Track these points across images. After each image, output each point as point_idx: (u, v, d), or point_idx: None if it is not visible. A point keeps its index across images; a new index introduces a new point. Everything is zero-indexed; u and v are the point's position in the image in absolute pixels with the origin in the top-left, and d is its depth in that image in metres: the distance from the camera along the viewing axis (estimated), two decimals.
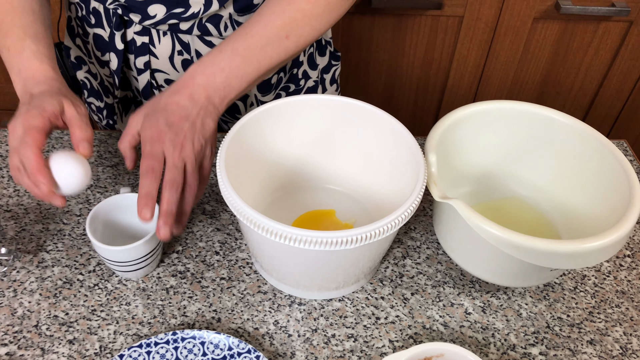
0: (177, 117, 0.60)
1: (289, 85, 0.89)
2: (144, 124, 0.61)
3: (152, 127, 0.59)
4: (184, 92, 0.62)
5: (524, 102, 0.72)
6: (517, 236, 0.56)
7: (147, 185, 0.57)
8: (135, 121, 0.62)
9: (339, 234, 0.54)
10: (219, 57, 0.64)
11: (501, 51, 1.33)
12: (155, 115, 0.60)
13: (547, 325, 0.65)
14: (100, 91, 0.88)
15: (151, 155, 0.58)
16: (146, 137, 0.59)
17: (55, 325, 0.62)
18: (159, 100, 0.62)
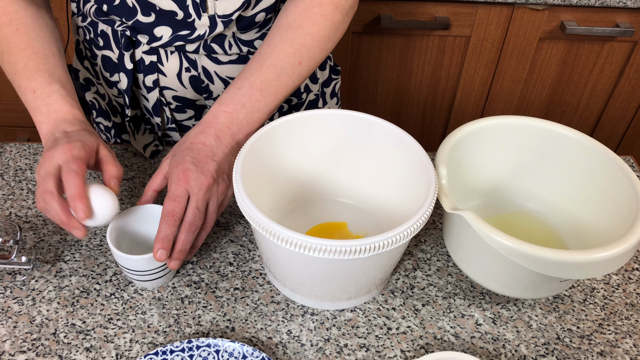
0: (202, 155, 0.63)
1: (291, 98, 0.91)
2: (170, 163, 0.64)
3: (178, 165, 0.62)
4: (209, 131, 0.65)
5: (531, 117, 0.73)
6: (527, 246, 0.57)
7: (165, 229, 0.60)
8: (164, 166, 0.65)
9: (352, 243, 0.55)
10: (239, 94, 0.67)
11: (507, 70, 1.36)
12: (182, 155, 0.63)
13: (557, 337, 0.66)
14: (108, 111, 0.90)
15: (175, 197, 0.61)
16: (172, 176, 0.62)
17: (72, 333, 0.63)
18: (185, 140, 0.65)
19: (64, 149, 0.60)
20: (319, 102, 0.95)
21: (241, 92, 0.67)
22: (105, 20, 0.77)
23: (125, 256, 0.62)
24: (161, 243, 0.60)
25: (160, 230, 0.60)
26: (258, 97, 0.67)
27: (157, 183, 0.66)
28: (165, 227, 0.60)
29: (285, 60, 0.69)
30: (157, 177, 0.66)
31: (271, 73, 0.68)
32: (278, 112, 0.92)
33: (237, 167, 0.63)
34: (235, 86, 0.67)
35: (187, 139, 0.66)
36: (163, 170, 0.66)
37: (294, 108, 0.93)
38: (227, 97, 0.67)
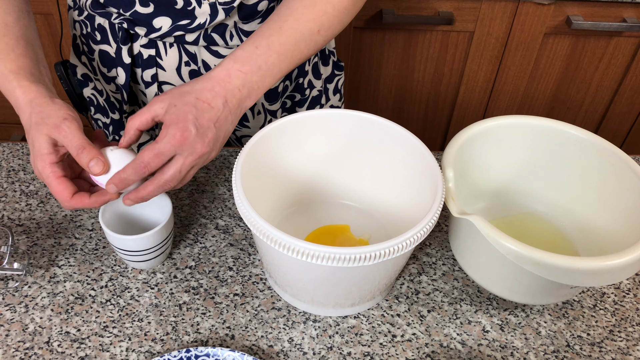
0: (206, 119, 0.57)
1: (294, 94, 0.89)
2: (170, 115, 0.56)
3: (178, 122, 0.56)
4: (219, 90, 0.59)
5: (540, 117, 0.71)
6: (537, 253, 0.55)
7: (130, 174, 0.56)
8: (156, 107, 0.57)
9: (356, 251, 0.53)
10: (256, 54, 0.61)
11: (512, 66, 1.33)
12: (184, 110, 0.56)
13: (567, 344, 0.64)
14: (107, 107, 0.88)
15: (159, 153, 0.56)
16: (168, 130, 0.56)
17: (66, 341, 0.61)
18: (189, 92, 0.58)
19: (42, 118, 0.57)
20: (322, 98, 0.93)
21: (258, 52, 0.61)
22: (102, 13, 0.74)
23: (118, 236, 0.62)
24: (118, 181, 0.57)
25: (125, 171, 0.56)
26: (274, 61, 0.62)
27: (142, 123, 0.58)
28: (131, 173, 0.56)
29: (305, 25, 0.64)
30: (144, 116, 0.58)
31: (290, 37, 0.63)
32: (281, 108, 0.89)
33: (236, 169, 0.61)
34: (253, 44, 0.61)
35: (193, 90, 0.58)
36: (152, 112, 0.58)
37: (297, 105, 0.91)
38: (243, 54, 0.61)
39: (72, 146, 0.56)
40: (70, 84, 0.87)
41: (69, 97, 0.89)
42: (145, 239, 0.63)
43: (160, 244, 0.65)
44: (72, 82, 0.87)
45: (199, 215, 0.76)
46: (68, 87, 0.87)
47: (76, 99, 0.89)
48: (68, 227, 0.73)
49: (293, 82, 0.87)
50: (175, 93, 0.58)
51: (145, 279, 0.68)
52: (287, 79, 0.86)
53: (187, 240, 0.72)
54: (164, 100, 0.57)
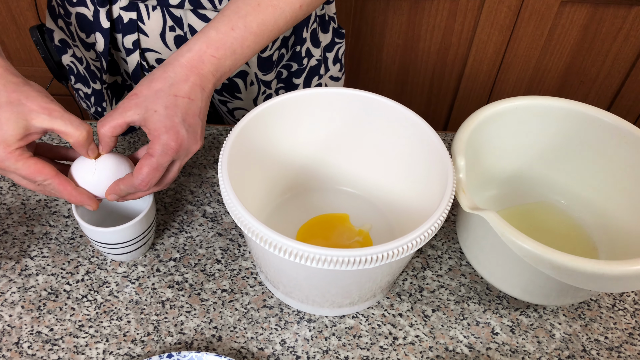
0: (191, 115, 0.53)
1: (290, 64, 0.81)
2: (154, 123, 0.51)
3: (169, 132, 0.51)
4: (194, 79, 0.54)
5: (561, 99, 0.64)
6: (557, 255, 0.49)
7: (129, 189, 0.53)
8: (131, 114, 0.52)
9: (357, 253, 0.47)
10: (231, 38, 0.55)
11: (524, 37, 1.25)
12: (167, 113, 0.51)
13: (583, 349, 0.59)
14: (87, 77, 0.81)
15: (159, 167, 0.52)
16: (162, 142, 0.51)
17: (38, 342, 0.56)
18: (162, 90, 0.52)
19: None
20: (320, 68, 0.85)
21: (234, 35, 0.56)
22: None
23: (94, 229, 0.57)
24: (117, 194, 0.54)
25: (123, 185, 0.53)
26: (250, 44, 0.57)
27: (115, 129, 0.52)
28: (130, 188, 0.53)
29: (287, 1, 0.58)
30: (116, 122, 0.52)
31: (270, 14, 0.57)
32: (276, 79, 0.82)
33: (224, 154, 0.54)
34: (228, 24, 0.56)
35: (166, 86, 0.52)
36: (127, 118, 0.52)
37: (294, 75, 0.83)
38: (217, 37, 0.55)
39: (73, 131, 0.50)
40: (47, 51, 0.80)
41: (47, 65, 0.82)
42: (124, 231, 0.57)
43: (140, 235, 0.59)
44: (50, 48, 0.80)
45: (185, 201, 0.70)
46: (45, 54, 0.80)
47: (55, 67, 0.81)
48: (42, 213, 0.67)
49: (290, 50, 0.80)
50: (148, 94, 0.52)
51: (125, 272, 0.62)
52: (283, 46, 0.78)
53: (172, 229, 0.66)
54: (138, 105, 0.52)
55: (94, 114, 0.85)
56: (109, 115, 0.52)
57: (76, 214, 0.57)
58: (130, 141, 0.77)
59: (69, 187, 0.52)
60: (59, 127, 0.50)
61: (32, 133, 0.50)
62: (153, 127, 0.51)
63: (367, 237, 0.65)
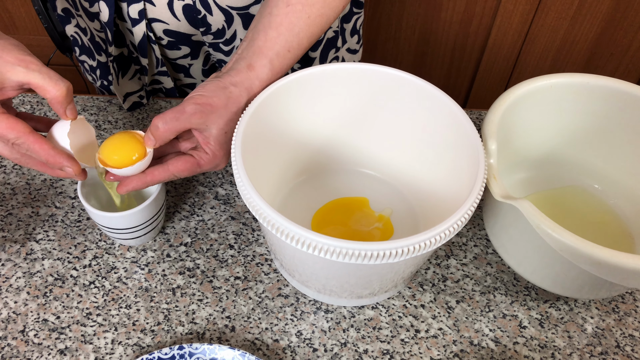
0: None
1: None
2: (221, 143, 0.52)
3: (225, 157, 0.54)
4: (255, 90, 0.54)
5: (601, 76, 0.59)
6: (599, 250, 0.45)
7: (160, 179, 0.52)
8: (198, 122, 0.50)
9: (379, 246, 0.43)
10: (287, 60, 0.55)
11: (552, 5, 1.18)
12: (230, 139, 0.53)
13: (617, 345, 0.56)
14: (92, 48, 0.76)
15: (193, 172, 0.53)
16: (217, 163, 0.54)
17: (44, 331, 0.53)
18: (236, 113, 0.52)
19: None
20: (337, 40, 0.81)
21: (290, 57, 0.55)
22: None
23: (102, 214, 0.54)
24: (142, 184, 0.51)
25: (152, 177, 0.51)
26: (293, 57, 0.56)
27: (176, 133, 0.51)
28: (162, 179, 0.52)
29: (331, 5, 0.56)
30: (183, 125, 0.50)
31: (318, 26, 0.56)
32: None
33: (237, 133, 0.51)
34: (286, 46, 0.55)
35: (237, 112, 0.53)
36: (194, 125, 0.50)
37: (310, 48, 0.78)
38: (277, 63, 0.54)
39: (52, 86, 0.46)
40: (50, 20, 0.76)
41: (49, 36, 0.78)
42: (133, 216, 0.54)
43: (150, 220, 0.56)
44: (52, 17, 0.75)
45: (196, 182, 0.66)
46: (48, 24, 0.76)
47: (58, 38, 0.77)
48: (47, 194, 0.64)
49: None
50: (222, 112, 0.51)
51: (134, 257, 0.59)
52: None
53: (183, 212, 0.63)
54: (208, 117, 0.51)
55: (100, 88, 0.81)
56: (173, 116, 0.50)
57: (82, 197, 0.54)
58: (139, 117, 0.73)
59: (46, 145, 0.47)
60: (36, 81, 0.46)
61: (7, 87, 0.47)
62: (215, 147, 0.52)
63: (387, 223, 0.62)
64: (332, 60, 0.82)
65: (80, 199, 0.54)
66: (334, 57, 0.81)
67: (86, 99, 0.75)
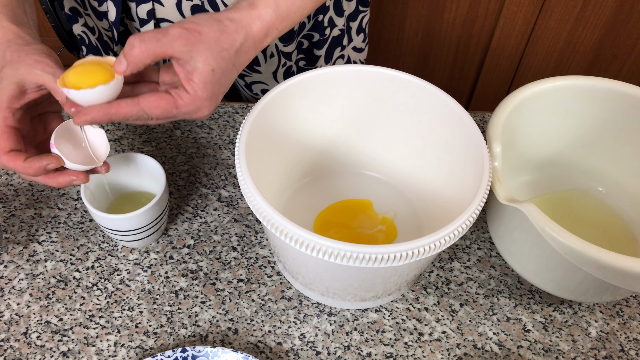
0: (226, 88, 0.47)
1: (312, 34, 0.77)
2: (205, 81, 0.44)
3: (210, 101, 0.45)
4: (252, 54, 0.48)
5: (606, 79, 0.59)
6: (605, 255, 0.45)
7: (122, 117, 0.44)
8: (181, 50, 0.43)
9: (383, 250, 0.43)
10: (295, 6, 0.49)
11: (556, 7, 1.18)
12: (220, 81, 0.45)
13: (621, 349, 0.55)
14: (100, 47, 0.76)
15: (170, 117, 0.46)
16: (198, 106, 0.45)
17: (47, 333, 0.53)
18: (228, 50, 0.45)
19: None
20: (343, 39, 0.80)
21: (298, 3, 0.50)
22: None
23: (104, 215, 0.53)
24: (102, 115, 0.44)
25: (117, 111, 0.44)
26: (306, 11, 0.51)
27: (155, 57, 0.44)
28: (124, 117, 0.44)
29: None
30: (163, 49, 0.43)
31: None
32: (297, 50, 0.77)
33: (242, 136, 0.50)
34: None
35: (234, 53, 0.46)
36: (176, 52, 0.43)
37: (315, 46, 0.78)
38: (285, 6, 0.49)
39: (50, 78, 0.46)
40: (57, 19, 0.76)
41: (57, 35, 0.78)
42: (136, 218, 0.54)
43: (153, 222, 0.56)
44: (60, 16, 0.75)
45: (199, 183, 0.66)
46: (55, 23, 0.76)
47: (65, 37, 0.78)
48: (50, 195, 0.64)
49: (311, 20, 0.75)
50: (212, 45, 0.44)
51: (137, 259, 0.59)
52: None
53: (186, 213, 0.63)
54: (195, 46, 0.44)
55: None
56: (153, 36, 0.43)
57: (85, 199, 0.54)
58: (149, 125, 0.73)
59: (19, 162, 0.45)
60: (49, 84, 0.45)
61: (28, 90, 0.47)
62: (198, 85, 0.44)
63: (391, 226, 0.61)
64: (337, 58, 0.82)
65: (84, 201, 0.54)
66: (339, 55, 0.81)
67: None
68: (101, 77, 0.43)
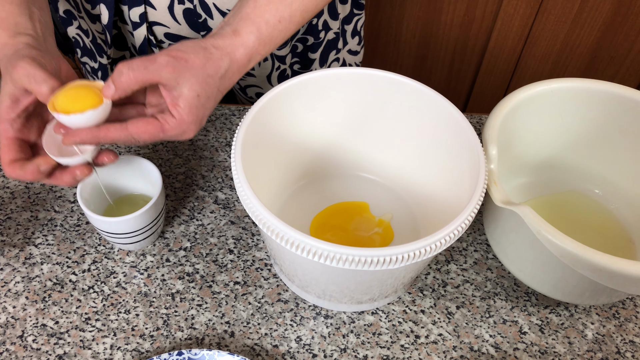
0: (209, 112, 0.49)
1: (306, 37, 0.77)
2: (190, 106, 0.46)
3: (193, 125, 0.47)
4: (236, 79, 0.50)
5: (602, 82, 0.59)
6: (600, 257, 0.45)
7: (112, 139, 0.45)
8: (168, 77, 0.45)
9: (379, 252, 0.43)
10: (277, 31, 0.51)
11: (553, 9, 1.18)
12: (205, 105, 0.47)
13: (617, 351, 0.55)
14: (94, 50, 0.76)
15: (156, 140, 0.47)
16: (184, 129, 0.46)
17: (43, 336, 0.53)
18: (213, 77, 0.47)
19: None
20: (338, 42, 0.80)
21: (280, 28, 0.51)
22: None
23: (101, 218, 0.53)
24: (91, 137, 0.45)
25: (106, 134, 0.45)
26: (288, 34, 0.52)
27: (142, 84, 0.45)
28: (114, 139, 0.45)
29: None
30: (150, 76, 0.45)
31: (311, 1, 0.53)
32: (291, 53, 0.77)
33: (237, 138, 0.50)
34: (276, 16, 0.51)
35: (219, 79, 0.47)
36: (163, 79, 0.45)
37: (310, 50, 0.78)
38: (267, 32, 0.50)
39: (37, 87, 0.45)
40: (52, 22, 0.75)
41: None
42: (132, 221, 0.54)
43: (149, 224, 0.56)
44: (54, 19, 0.75)
45: (196, 186, 0.66)
46: None
47: (60, 39, 0.78)
48: (47, 198, 0.64)
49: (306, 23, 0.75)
50: (198, 72, 0.46)
51: (133, 262, 0.59)
52: None
53: (182, 216, 0.63)
54: (181, 73, 0.45)
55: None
56: (142, 64, 0.44)
57: (81, 202, 0.54)
58: None
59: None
60: (28, 85, 0.45)
61: (19, 98, 0.46)
62: (183, 110, 0.46)
63: (387, 228, 0.61)
64: (332, 61, 0.82)
65: (80, 203, 0.54)
66: (334, 58, 0.81)
67: None
68: (90, 101, 0.44)
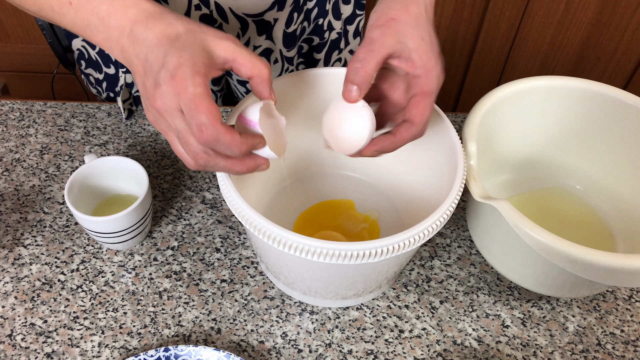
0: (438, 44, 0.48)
1: (312, 37, 0.78)
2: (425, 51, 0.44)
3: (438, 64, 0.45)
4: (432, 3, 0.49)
5: (581, 79, 0.61)
6: (575, 249, 0.46)
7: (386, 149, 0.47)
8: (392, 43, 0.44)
9: (361, 246, 0.44)
10: None
11: (539, 10, 1.19)
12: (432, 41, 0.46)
13: (597, 343, 0.56)
14: (99, 61, 0.77)
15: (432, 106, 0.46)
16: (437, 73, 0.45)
17: (31, 335, 0.54)
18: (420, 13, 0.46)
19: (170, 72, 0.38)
20: (341, 42, 0.82)
21: None
22: None
23: (88, 218, 0.54)
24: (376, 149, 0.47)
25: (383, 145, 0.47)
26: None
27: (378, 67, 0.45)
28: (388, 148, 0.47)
29: None
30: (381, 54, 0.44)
31: None
32: (297, 54, 0.78)
33: None
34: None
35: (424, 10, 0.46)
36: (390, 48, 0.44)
37: (315, 50, 0.80)
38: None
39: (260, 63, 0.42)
40: (54, 36, 0.76)
41: (53, 51, 0.79)
42: (119, 220, 0.55)
43: (136, 224, 0.57)
44: (57, 33, 0.76)
45: (184, 186, 0.67)
46: (52, 39, 0.76)
47: (62, 53, 0.78)
48: (36, 199, 0.64)
49: (312, 23, 0.76)
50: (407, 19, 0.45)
51: (121, 261, 0.60)
52: (306, 19, 0.74)
53: (170, 216, 0.64)
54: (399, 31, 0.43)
55: (106, 100, 0.81)
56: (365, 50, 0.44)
57: (69, 202, 0.55)
58: (127, 124, 0.74)
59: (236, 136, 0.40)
60: (243, 58, 0.41)
61: (212, 66, 0.41)
62: (420, 59, 0.44)
63: (374, 224, 0.62)
64: (335, 61, 0.83)
65: (68, 204, 0.55)
66: (337, 58, 0.83)
67: (75, 106, 0.76)
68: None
